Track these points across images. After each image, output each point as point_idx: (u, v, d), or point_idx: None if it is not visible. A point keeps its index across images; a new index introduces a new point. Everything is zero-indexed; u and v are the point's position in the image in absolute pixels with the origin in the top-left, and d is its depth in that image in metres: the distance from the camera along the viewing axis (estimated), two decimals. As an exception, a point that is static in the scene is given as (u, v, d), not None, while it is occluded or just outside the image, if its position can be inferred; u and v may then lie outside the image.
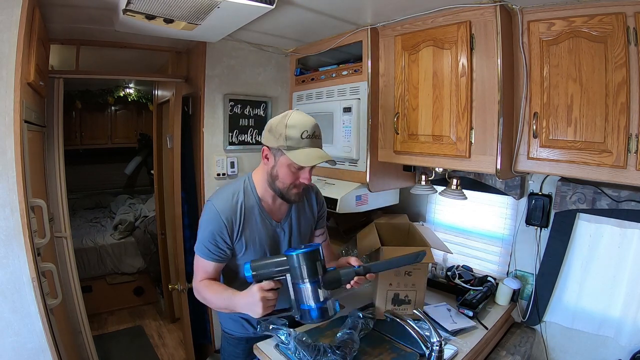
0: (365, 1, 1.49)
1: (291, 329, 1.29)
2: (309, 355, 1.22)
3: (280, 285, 1.12)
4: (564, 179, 1.56)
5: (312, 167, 1.22)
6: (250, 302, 1.09)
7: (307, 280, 1.07)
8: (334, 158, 1.92)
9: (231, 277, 1.37)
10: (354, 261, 1.27)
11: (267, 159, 1.24)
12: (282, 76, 2.34)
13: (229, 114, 2.16)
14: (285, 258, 1.09)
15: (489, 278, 1.83)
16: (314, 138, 1.19)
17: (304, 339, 1.28)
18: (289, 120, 1.17)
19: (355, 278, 1.16)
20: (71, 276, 2.00)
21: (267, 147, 1.23)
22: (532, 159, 1.35)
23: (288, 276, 1.09)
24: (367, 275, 1.17)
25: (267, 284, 1.08)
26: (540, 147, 1.33)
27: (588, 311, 1.58)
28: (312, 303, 1.07)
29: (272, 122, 1.22)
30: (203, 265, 1.27)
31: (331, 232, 2.27)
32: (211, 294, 1.23)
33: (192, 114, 2.28)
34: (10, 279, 1.22)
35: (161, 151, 2.95)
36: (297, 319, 1.13)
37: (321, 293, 1.08)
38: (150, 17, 1.46)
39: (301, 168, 1.20)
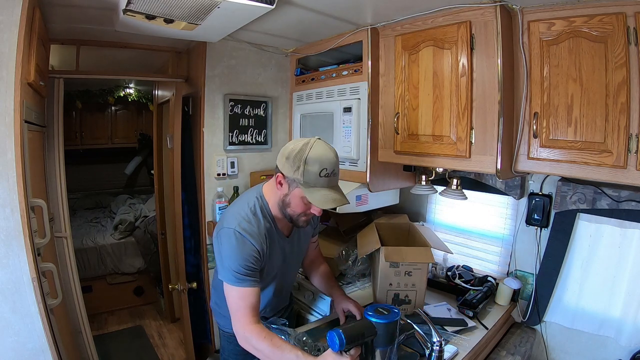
0: (366, 1, 1.49)
1: (291, 329, 1.29)
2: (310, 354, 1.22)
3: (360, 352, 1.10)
4: (564, 179, 1.56)
5: None
6: None
7: (388, 345, 1.11)
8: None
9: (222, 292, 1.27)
10: (354, 310, 1.34)
11: (281, 185, 1.19)
12: (283, 76, 2.34)
13: (229, 114, 2.16)
14: (373, 326, 1.09)
15: (489, 278, 1.83)
16: (332, 176, 1.14)
17: (304, 338, 1.28)
18: (309, 154, 1.11)
19: None
20: (71, 276, 2.00)
21: (282, 174, 1.17)
22: (533, 159, 1.35)
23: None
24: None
25: (355, 352, 1.06)
26: (540, 147, 1.32)
27: (588, 311, 1.58)
28: None
29: (291, 148, 1.16)
30: (246, 296, 1.15)
31: (331, 232, 2.28)
32: (272, 348, 1.09)
33: (192, 114, 2.28)
34: (10, 279, 1.22)
35: (161, 151, 2.95)
36: None
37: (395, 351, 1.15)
38: (150, 17, 1.46)
39: None
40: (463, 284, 1.83)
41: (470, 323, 1.53)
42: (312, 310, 1.90)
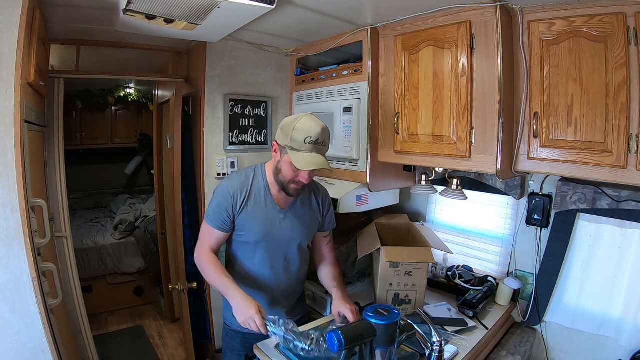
0: (366, 1, 1.49)
1: (277, 317, 1.24)
2: (301, 341, 1.18)
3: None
4: (565, 179, 1.56)
5: (313, 170, 1.29)
6: (242, 309, 1.23)
7: (388, 345, 1.12)
8: (335, 158, 1.97)
9: (231, 263, 1.49)
10: (349, 316, 1.37)
11: (276, 152, 1.35)
12: (283, 76, 2.34)
13: (229, 114, 2.16)
14: (373, 327, 1.10)
15: (489, 278, 1.83)
16: (317, 145, 1.26)
17: (290, 326, 1.22)
18: (297, 124, 1.27)
19: None
20: (71, 276, 2.00)
21: (277, 142, 1.33)
22: (533, 159, 1.35)
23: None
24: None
25: (262, 313, 1.22)
26: (540, 147, 1.32)
27: (588, 311, 1.58)
28: None
29: (285, 120, 1.34)
30: (209, 232, 1.40)
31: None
32: (213, 271, 1.35)
33: (192, 114, 2.28)
34: (10, 279, 1.22)
35: (161, 151, 2.95)
36: None
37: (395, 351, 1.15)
38: (150, 17, 1.46)
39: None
40: (463, 284, 1.83)
41: (471, 323, 1.53)
42: (312, 310, 1.89)
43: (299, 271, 1.54)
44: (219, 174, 2.16)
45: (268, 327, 1.22)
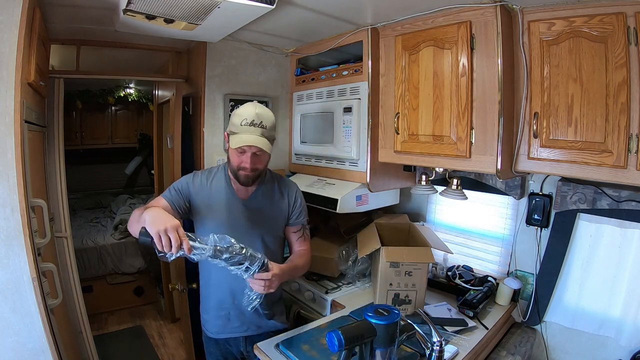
0: (366, 1, 1.49)
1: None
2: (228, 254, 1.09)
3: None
4: (565, 179, 1.56)
5: (254, 154, 1.32)
6: (159, 219, 1.05)
7: (388, 345, 1.11)
8: (335, 158, 1.97)
9: (205, 277, 1.53)
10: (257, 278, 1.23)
11: (227, 142, 1.39)
12: (283, 76, 2.34)
13: (230, 114, 2.16)
14: (373, 327, 1.09)
15: (489, 278, 1.83)
16: (252, 126, 1.30)
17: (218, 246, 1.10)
18: (237, 110, 1.35)
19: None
20: (71, 276, 2.00)
21: (226, 133, 1.40)
22: (533, 159, 1.35)
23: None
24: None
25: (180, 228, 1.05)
26: (540, 147, 1.32)
27: (588, 311, 1.58)
28: None
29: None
30: (158, 200, 1.38)
31: (331, 232, 2.28)
32: (144, 213, 1.12)
33: (192, 114, 2.28)
34: (10, 279, 1.22)
35: (161, 151, 2.95)
36: None
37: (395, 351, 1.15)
38: (150, 17, 1.46)
39: (243, 152, 1.32)
40: (463, 284, 1.83)
41: (471, 323, 1.53)
42: (312, 310, 1.90)
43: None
44: (219, 174, 2.15)
45: (191, 243, 1.05)
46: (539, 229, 1.69)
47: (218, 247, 1.09)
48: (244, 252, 1.13)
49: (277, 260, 1.40)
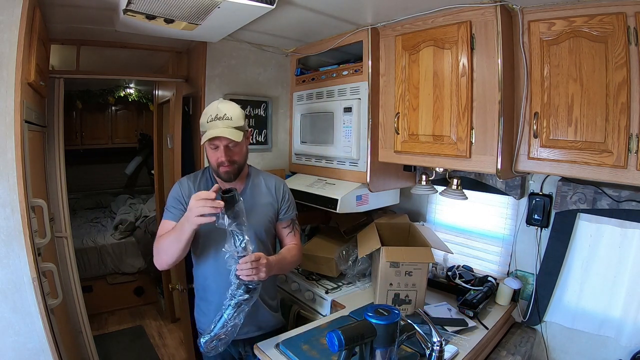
0: (366, 1, 1.49)
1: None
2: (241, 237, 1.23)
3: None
4: (565, 179, 1.56)
5: (226, 147, 1.34)
6: (188, 216, 1.19)
7: (388, 345, 1.11)
8: (335, 158, 1.97)
9: (201, 281, 1.49)
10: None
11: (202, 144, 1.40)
12: (283, 76, 2.34)
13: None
14: (373, 327, 1.09)
15: (489, 278, 1.83)
16: (217, 120, 1.33)
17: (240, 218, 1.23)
18: (205, 109, 1.38)
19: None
20: (71, 276, 2.01)
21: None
22: (533, 159, 1.35)
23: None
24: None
25: (203, 194, 1.18)
26: (540, 147, 1.32)
27: (588, 311, 1.58)
28: None
29: None
30: (164, 225, 1.39)
31: (331, 232, 2.28)
32: (165, 237, 1.31)
33: (192, 114, 2.28)
34: (10, 279, 1.22)
35: (162, 151, 2.95)
36: None
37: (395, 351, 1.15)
38: (150, 17, 1.46)
39: (216, 147, 1.34)
40: (463, 284, 1.83)
41: (471, 323, 1.53)
42: (312, 310, 1.90)
43: None
44: (219, 174, 2.15)
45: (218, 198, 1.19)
46: (539, 229, 1.69)
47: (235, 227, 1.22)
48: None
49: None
